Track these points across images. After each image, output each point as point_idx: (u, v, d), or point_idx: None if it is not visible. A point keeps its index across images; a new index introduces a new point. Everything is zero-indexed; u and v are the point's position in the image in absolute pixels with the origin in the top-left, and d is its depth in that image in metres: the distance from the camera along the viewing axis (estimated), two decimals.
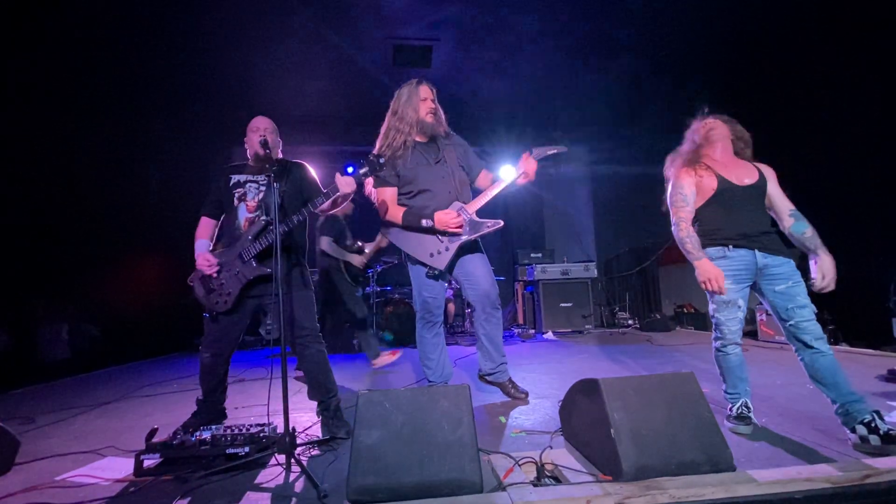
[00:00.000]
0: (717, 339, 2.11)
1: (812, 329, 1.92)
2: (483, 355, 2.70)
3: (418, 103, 2.55)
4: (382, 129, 2.64)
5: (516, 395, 2.72)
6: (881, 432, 1.70)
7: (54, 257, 4.27)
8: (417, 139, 2.61)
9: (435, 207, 2.50)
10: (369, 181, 2.62)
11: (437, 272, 2.53)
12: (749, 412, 2.07)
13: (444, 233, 2.49)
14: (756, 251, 2.03)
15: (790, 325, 1.96)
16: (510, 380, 2.73)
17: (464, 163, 2.69)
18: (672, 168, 2.31)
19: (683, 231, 2.11)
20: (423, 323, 2.66)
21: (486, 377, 2.73)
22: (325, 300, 4.02)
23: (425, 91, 2.57)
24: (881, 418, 1.74)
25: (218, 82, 5.25)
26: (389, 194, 2.59)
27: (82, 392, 3.67)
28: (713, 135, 2.22)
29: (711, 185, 2.13)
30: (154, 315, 5.49)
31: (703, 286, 2.04)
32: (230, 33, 4.40)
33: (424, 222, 2.48)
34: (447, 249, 2.51)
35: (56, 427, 2.65)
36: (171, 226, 5.53)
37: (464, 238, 2.52)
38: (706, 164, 2.18)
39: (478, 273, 2.61)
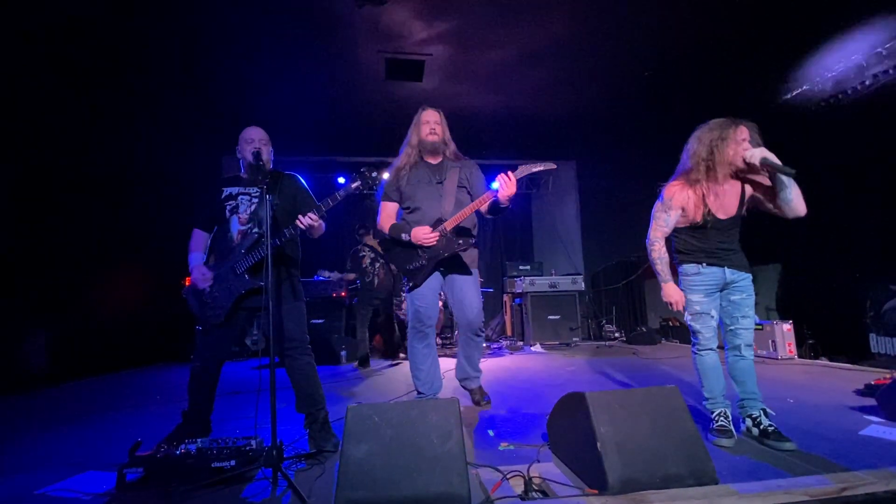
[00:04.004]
0: (694, 343, 2.32)
1: (746, 337, 2.23)
2: (459, 367, 3.02)
3: (420, 127, 2.79)
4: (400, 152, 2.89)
5: (480, 402, 2.95)
6: (761, 427, 2.10)
7: (32, 263, 4.18)
8: (429, 160, 2.83)
9: (423, 224, 2.66)
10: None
11: (411, 284, 2.71)
12: (729, 424, 2.16)
13: (422, 248, 2.63)
14: (725, 268, 2.23)
15: (731, 328, 2.25)
16: (480, 388, 3.00)
17: (469, 185, 2.85)
18: (676, 175, 2.30)
19: (656, 252, 2.33)
20: (415, 333, 2.78)
21: (460, 381, 3.05)
22: None
23: (427, 115, 2.81)
24: (766, 416, 2.13)
25: (209, 92, 5.25)
26: (390, 209, 2.81)
27: (61, 403, 3.59)
28: (737, 151, 2.12)
29: (697, 214, 2.21)
30: (136, 324, 5.39)
31: (668, 306, 2.33)
32: (222, 44, 4.42)
33: (403, 236, 2.65)
34: (424, 264, 2.67)
35: (34, 439, 2.59)
36: (155, 234, 5.49)
37: (440, 255, 2.65)
38: (702, 190, 2.18)
39: (467, 301, 2.79)
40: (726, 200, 2.21)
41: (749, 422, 2.17)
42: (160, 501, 1.68)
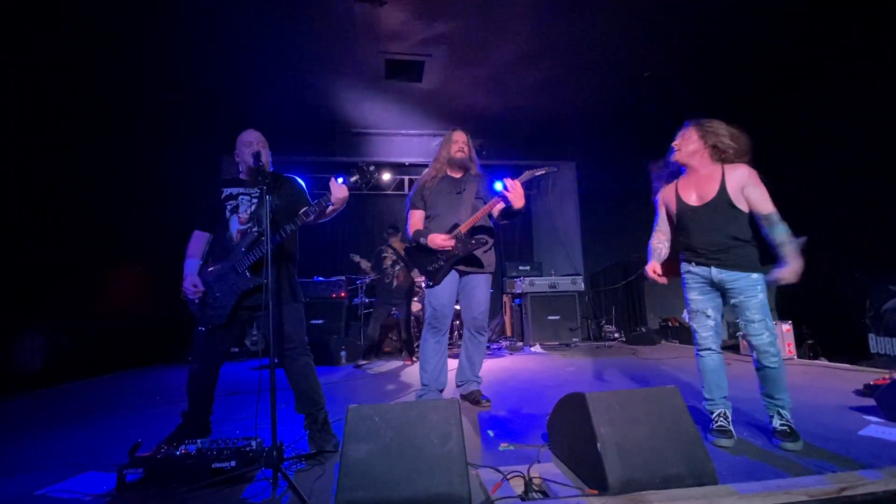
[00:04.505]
0: (695, 344, 2.32)
1: (758, 342, 2.12)
2: (460, 369, 3.14)
3: (451, 145, 3.08)
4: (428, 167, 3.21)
5: (479, 402, 3.00)
6: (773, 426, 2.10)
7: (29, 263, 4.17)
8: (452, 174, 3.09)
9: (441, 228, 2.91)
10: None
11: (429, 284, 2.93)
12: (729, 424, 2.16)
13: (440, 251, 2.87)
14: (711, 268, 2.19)
15: (741, 334, 2.26)
16: (477, 391, 3.07)
17: (483, 194, 3.05)
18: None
19: (651, 246, 2.47)
20: (429, 328, 2.98)
21: (457, 386, 3.14)
22: None
23: (457, 136, 3.11)
24: (780, 416, 2.10)
25: (207, 92, 5.25)
26: (416, 216, 3.06)
27: (60, 403, 3.58)
28: (686, 151, 2.28)
29: (673, 207, 2.33)
30: (135, 325, 5.38)
31: (652, 282, 2.40)
32: (221, 43, 4.42)
33: (422, 240, 2.90)
34: (442, 265, 2.90)
35: (33, 440, 2.59)
36: (154, 235, 5.48)
37: (457, 255, 2.87)
38: (676, 183, 2.34)
39: (475, 299, 3.01)
40: (704, 186, 2.21)
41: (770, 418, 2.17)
42: (160, 502, 1.68)
